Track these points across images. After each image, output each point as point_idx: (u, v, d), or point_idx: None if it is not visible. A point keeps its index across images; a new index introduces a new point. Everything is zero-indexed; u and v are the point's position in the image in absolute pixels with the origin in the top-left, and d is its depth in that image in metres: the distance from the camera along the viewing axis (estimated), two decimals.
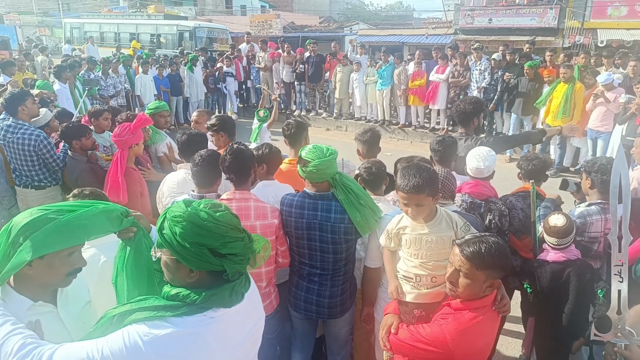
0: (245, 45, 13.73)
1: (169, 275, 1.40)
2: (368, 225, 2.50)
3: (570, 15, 18.11)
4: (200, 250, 1.31)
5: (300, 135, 3.46)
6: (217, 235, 1.33)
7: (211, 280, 1.38)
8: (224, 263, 1.35)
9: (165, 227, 1.35)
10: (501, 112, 9.41)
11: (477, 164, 3.00)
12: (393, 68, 10.36)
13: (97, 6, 36.80)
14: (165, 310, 1.31)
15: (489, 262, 1.75)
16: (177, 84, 11.51)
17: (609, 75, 6.88)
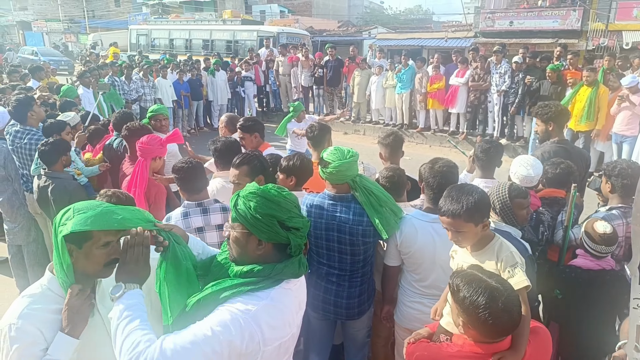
0: (265, 50, 13.87)
1: (238, 250, 1.56)
2: (389, 227, 2.50)
3: (594, 17, 17.75)
4: (270, 222, 1.50)
5: (324, 137, 3.49)
6: (285, 209, 1.53)
7: (276, 254, 1.55)
8: (289, 235, 1.53)
9: (239, 203, 1.54)
10: (522, 116, 9.27)
11: (526, 172, 2.88)
12: (412, 72, 10.31)
13: (121, 13, 37.71)
14: (247, 285, 1.47)
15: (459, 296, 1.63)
16: (198, 89, 11.69)
17: (634, 78, 6.73)
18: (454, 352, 1.72)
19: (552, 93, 8.15)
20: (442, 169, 2.49)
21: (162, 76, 10.80)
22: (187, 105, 11.53)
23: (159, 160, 3.49)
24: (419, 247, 2.51)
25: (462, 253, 2.16)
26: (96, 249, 1.52)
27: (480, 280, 1.62)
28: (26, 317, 1.48)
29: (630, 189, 2.78)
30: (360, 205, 2.52)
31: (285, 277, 1.53)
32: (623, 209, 2.78)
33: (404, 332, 2.73)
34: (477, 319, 1.57)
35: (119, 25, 34.83)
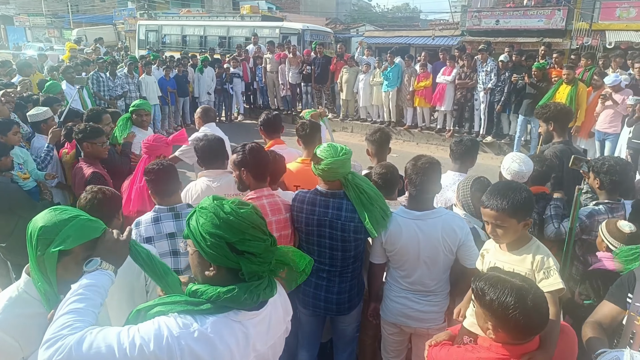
0: (252, 47, 13.80)
1: (193, 268, 1.44)
2: (378, 225, 2.51)
3: (578, 17, 18.01)
4: (218, 243, 1.33)
5: (315, 135, 3.48)
6: (237, 230, 1.34)
7: (228, 279, 1.37)
8: (240, 260, 1.34)
9: (192, 218, 1.40)
10: (508, 113, 9.37)
11: (518, 167, 2.96)
12: (399, 69, 10.36)
13: (106, 8, 37.12)
14: (189, 304, 1.33)
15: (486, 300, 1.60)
16: (184, 85, 11.58)
17: (616, 77, 6.84)
18: (482, 355, 1.67)
19: (538, 91, 8.24)
20: (424, 166, 2.50)
21: (147, 73, 10.65)
22: (173, 102, 11.42)
23: (163, 158, 3.46)
24: (404, 244, 2.53)
25: (494, 252, 2.17)
26: (75, 264, 1.50)
27: (505, 280, 1.59)
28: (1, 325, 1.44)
29: (617, 185, 2.84)
30: (351, 202, 2.53)
31: (231, 307, 1.34)
32: (610, 204, 2.84)
33: (389, 326, 2.76)
34: (507, 320, 1.53)
35: (103, 20, 34.31)
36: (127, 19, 31.56)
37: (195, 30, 19.12)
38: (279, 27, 16.98)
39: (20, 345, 1.45)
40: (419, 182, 2.49)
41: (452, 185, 3.27)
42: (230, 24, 18.51)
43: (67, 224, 1.49)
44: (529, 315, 1.52)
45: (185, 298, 1.36)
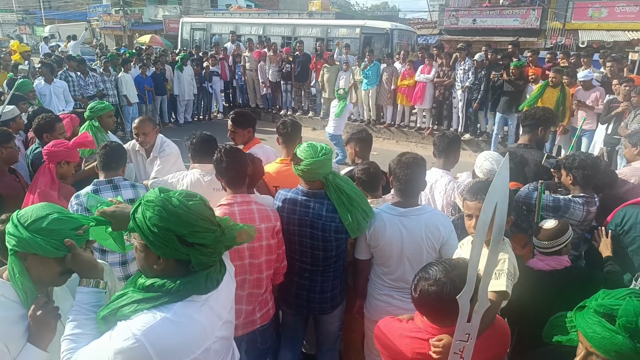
0: (231, 45, 13.66)
1: (139, 262, 1.43)
2: (358, 227, 2.50)
3: (552, 17, 18.42)
4: (167, 236, 1.32)
5: (296, 135, 3.44)
6: (186, 223, 1.33)
7: (178, 270, 1.38)
8: (190, 253, 1.35)
9: (138, 211, 1.36)
10: (485, 111, 9.52)
11: (491, 166, 3.00)
12: (378, 68, 10.40)
13: (80, 4, 36.23)
14: (147, 302, 1.33)
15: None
16: (162, 83, 11.37)
17: (589, 73, 7.02)
18: (408, 327, 1.75)
19: (515, 89, 8.40)
20: (409, 161, 2.53)
21: (125, 70, 10.43)
22: (150, 100, 11.21)
23: (66, 166, 3.29)
24: (387, 240, 2.54)
25: (468, 247, 2.20)
26: (40, 266, 1.48)
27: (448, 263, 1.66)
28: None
29: (590, 179, 2.92)
30: (333, 203, 2.52)
31: (190, 294, 1.37)
32: (586, 198, 2.92)
33: (373, 324, 2.74)
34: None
35: (77, 17, 33.48)
36: (101, 15, 30.88)
37: (253, 29, 16.83)
38: (360, 26, 14.68)
39: (9, 349, 1.43)
40: (404, 177, 2.50)
41: (437, 181, 3.28)
42: (297, 23, 16.34)
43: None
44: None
45: (142, 295, 1.35)
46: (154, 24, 30.56)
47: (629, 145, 3.57)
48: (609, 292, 1.31)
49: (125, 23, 28.23)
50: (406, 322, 1.81)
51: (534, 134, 3.65)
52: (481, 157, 3.10)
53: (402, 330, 1.77)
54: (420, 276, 1.66)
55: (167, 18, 29.42)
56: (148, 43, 23.36)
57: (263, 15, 18.79)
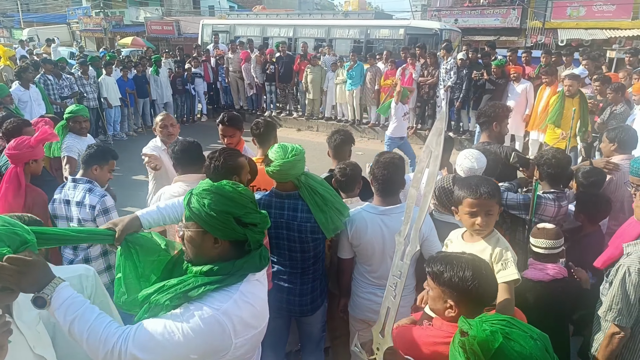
0: (212, 46, 13.57)
1: (194, 250, 1.51)
2: (333, 226, 2.50)
3: (532, 16, 18.71)
4: (226, 219, 1.45)
5: (269, 134, 3.40)
6: (241, 205, 1.48)
7: (233, 251, 1.51)
8: (246, 232, 1.49)
9: (193, 201, 1.49)
10: (467, 110, 9.62)
11: (470, 164, 3.01)
12: (361, 68, 10.44)
13: (59, 7, 35.64)
14: (213, 284, 1.43)
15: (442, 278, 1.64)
16: (144, 86, 11.22)
17: (583, 70, 7.12)
18: (432, 334, 1.72)
19: (496, 88, 8.51)
20: (387, 160, 2.56)
21: (107, 73, 10.28)
22: (132, 103, 11.07)
23: (34, 164, 3.21)
24: (369, 239, 2.57)
25: (458, 242, 2.22)
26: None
27: (457, 257, 1.68)
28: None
29: (555, 177, 2.98)
30: (307, 203, 2.51)
31: (248, 272, 1.51)
32: (557, 193, 2.97)
33: (358, 322, 2.78)
34: (468, 292, 1.60)
35: (56, 19, 32.95)
36: (81, 17, 30.42)
37: (282, 30, 15.65)
38: (405, 26, 13.33)
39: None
40: (382, 177, 2.54)
41: None
42: (332, 23, 15.08)
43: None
44: (486, 283, 1.62)
45: (204, 279, 1.44)
46: (135, 26, 30.21)
47: (607, 140, 3.63)
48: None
49: (106, 25, 27.87)
50: (427, 329, 1.78)
51: (490, 130, 3.72)
52: (461, 156, 3.13)
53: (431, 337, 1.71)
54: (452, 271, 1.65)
55: (148, 20, 29.12)
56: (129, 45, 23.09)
57: (292, 16, 17.72)
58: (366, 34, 13.46)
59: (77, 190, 3.00)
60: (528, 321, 2.19)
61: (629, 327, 2.18)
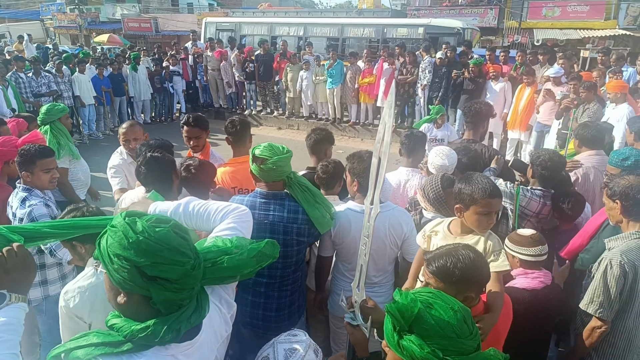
0: (191, 44, 13.39)
1: (107, 293, 1.27)
2: (325, 222, 2.47)
3: (508, 16, 19.03)
4: (125, 267, 1.15)
5: (245, 133, 3.30)
6: (147, 252, 1.15)
7: (143, 307, 1.19)
8: (150, 287, 1.16)
9: (103, 237, 1.23)
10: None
11: (442, 161, 3.03)
12: (341, 67, 10.45)
13: (32, 2, 34.66)
14: (108, 346, 1.17)
15: (455, 276, 1.66)
16: (120, 84, 11.01)
17: (560, 69, 7.26)
18: None
19: (474, 86, 8.61)
20: (365, 155, 2.55)
21: (80, 71, 10.03)
22: (108, 102, 10.85)
23: (12, 164, 3.09)
24: (352, 237, 2.54)
25: (444, 235, 2.22)
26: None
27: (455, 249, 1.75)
28: None
29: (547, 179, 3.01)
30: (294, 203, 2.45)
31: (156, 344, 1.18)
32: (543, 191, 3.01)
33: (337, 320, 2.76)
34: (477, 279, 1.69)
35: (29, 15, 32.01)
36: (55, 14, 29.67)
37: (292, 29, 14.61)
38: (425, 25, 12.78)
39: None
40: (362, 171, 2.50)
41: (408, 181, 3.31)
42: (346, 22, 14.15)
43: None
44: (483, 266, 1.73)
45: (103, 338, 1.20)
46: (112, 23, 29.62)
47: (573, 137, 3.72)
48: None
49: (81, 22, 27.24)
50: None
51: (477, 128, 3.79)
52: (432, 153, 3.16)
53: None
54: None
55: (125, 17, 28.59)
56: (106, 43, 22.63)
57: (301, 14, 16.82)
58: (382, 33, 12.72)
59: (15, 198, 2.87)
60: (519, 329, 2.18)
61: (610, 320, 2.20)
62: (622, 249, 2.20)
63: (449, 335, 1.15)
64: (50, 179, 2.96)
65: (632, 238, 2.25)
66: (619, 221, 2.36)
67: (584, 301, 2.25)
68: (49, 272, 2.88)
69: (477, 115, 3.78)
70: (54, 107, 4.11)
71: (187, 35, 16.77)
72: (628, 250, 2.18)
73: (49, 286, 2.89)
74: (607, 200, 2.39)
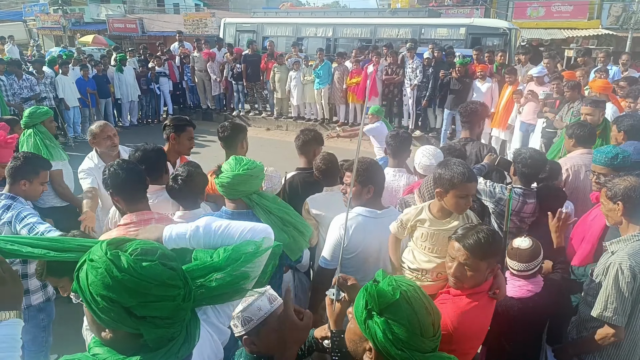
0: (177, 45, 13.27)
1: (89, 323, 1.17)
2: (297, 247, 2.21)
3: (494, 16, 19.19)
4: (111, 307, 1.05)
5: (236, 138, 3.25)
6: (135, 292, 1.05)
7: (130, 342, 1.11)
8: (140, 326, 1.07)
9: (82, 270, 1.10)
10: (434, 108, 9.78)
11: (428, 161, 3.03)
12: (329, 67, 10.45)
13: (14, 3, 34.07)
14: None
15: (488, 250, 1.83)
16: (105, 86, 10.86)
17: (543, 69, 7.35)
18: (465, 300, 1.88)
19: (461, 86, 8.68)
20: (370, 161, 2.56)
21: (63, 73, 9.85)
22: (94, 103, 10.69)
23: (1, 169, 3.00)
24: (366, 245, 2.45)
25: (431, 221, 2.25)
26: None
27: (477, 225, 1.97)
28: None
29: (528, 177, 3.03)
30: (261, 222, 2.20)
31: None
32: (522, 189, 3.03)
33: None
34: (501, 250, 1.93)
35: (11, 16, 31.44)
36: (38, 15, 29.17)
37: (320, 30, 13.77)
38: (467, 25, 11.95)
39: None
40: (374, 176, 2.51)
41: (394, 181, 3.31)
42: (380, 22, 13.31)
43: None
44: None
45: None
46: (96, 24, 29.21)
47: (566, 136, 3.75)
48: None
49: (65, 23, 26.82)
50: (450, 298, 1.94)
51: (474, 128, 3.84)
52: (418, 154, 3.17)
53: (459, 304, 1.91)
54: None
55: (110, 17, 28.23)
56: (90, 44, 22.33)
57: (328, 14, 15.88)
58: (419, 34, 11.96)
59: None
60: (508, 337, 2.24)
61: (624, 325, 2.15)
62: (629, 252, 2.15)
63: (415, 331, 1.21)
64: (41, 192, 2.92)
65: (635, 240, 2.21)
66: (617, 222, 2.33)
67: (597, 309, 2.16)
68: (30, 282, 2.80)
69: (472, 115, 3.83)
70: (37, 110, 4.02)
71: (173, 36, 16.56)
72: (635, 254, 2.14)
73: (31, 295, 2.84)
74: (607, 202, 2.34)
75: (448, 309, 1.87)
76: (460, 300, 1.90)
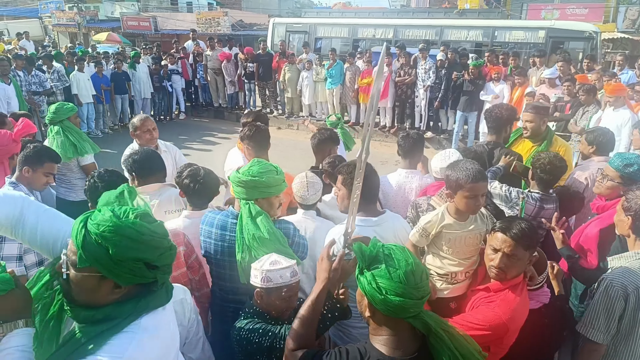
0: (191, 43, 13.37)
1: (83, 294, 1.23)
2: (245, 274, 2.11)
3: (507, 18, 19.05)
4: (136, 265, 1.22)
5: (264, 138, 3.25)
6: (154, 248, 1.25)
7: (137, 293, 1.29)
8: (157, 275, 1.28)
9: (90, 242, 1.18)
10: (446, 109, 9.74)
11: (446, 164, 3.00)
12: (341, 67, 10.46)
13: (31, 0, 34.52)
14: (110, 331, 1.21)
15: (532, 240, 1.91)
16: (122, 82, 10.96)
17: (555, 71, 7.29)
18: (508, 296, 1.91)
19: (474, 88, 8.64)
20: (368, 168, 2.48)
21: (79, 69, 9.99)
22: (108, 100, 10.81)
23: (16, 157, 3.06)
24: None
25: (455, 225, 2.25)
26: None
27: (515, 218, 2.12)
28: None
29: (546, 182, 3.00)
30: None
31: (151, 310, 1.30)
32: (540, 195, 3.00)
33: None
34: None
35: (28, 13, 31.89)
36: (54, 12, 29.52)
37: (379, 31, 12.85)
38: (547, 28, 10.91)
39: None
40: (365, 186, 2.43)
41: (406, 183, 3.30)
42: (447, 24, 12.45)
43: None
44: None
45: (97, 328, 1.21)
46: (111, 22, 29.49)
47: (585, 142, 3.66)
48: None
49: (80, 20, 27.13)
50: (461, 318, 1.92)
51: (501, 132, 3.71)
52: (437, 157, 3.12)
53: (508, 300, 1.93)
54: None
55: (124, 15, 28.49)
56: (105, 41, 22.56)
57: (388, 14, 15.14)
58: (492, 36, 11.28)
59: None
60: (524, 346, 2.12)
61: (606, 344, 2.11)
62: (625, 270, 2.12)
63: (395, 280, 1.36)
64: (45, 183, 2.97)
65: (635, 259, 2.18)
66: (624, 234, 2.31)
67: (582, 324, 2.15)
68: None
69: (497, 120, 3.69)
70: (63, 106, 4.01)
71: (186, 34, 16.68)
72: (631, 272, 2.10)
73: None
74: (620, 211, 2.32)
75: (501, 307, 1.88)
76: (507, 296, 1.93)
